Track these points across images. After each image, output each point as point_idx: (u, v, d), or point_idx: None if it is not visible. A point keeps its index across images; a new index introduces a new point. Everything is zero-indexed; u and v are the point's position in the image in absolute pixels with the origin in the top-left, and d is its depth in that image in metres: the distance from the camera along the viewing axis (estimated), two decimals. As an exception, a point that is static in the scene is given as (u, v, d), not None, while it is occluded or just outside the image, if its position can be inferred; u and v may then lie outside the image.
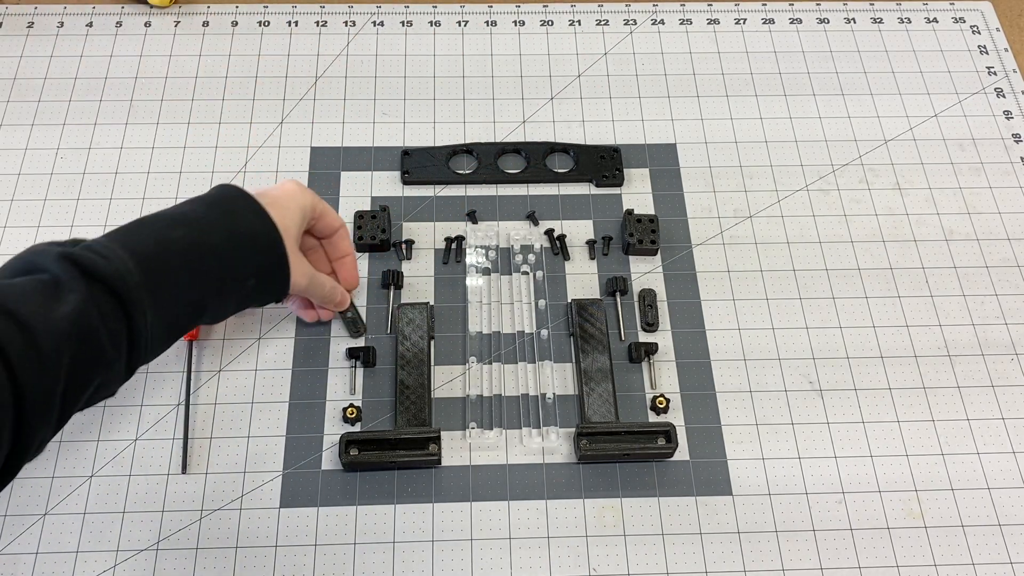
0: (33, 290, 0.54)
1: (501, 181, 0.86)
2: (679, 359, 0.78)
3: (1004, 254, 0.84)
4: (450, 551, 0.69)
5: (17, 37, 0.95)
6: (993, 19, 1.01)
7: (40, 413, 0.52)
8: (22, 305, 0.52)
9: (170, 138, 0.88)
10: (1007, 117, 0.93)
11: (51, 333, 0.52)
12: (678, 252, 0.83)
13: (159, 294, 0.58)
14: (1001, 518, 0.71)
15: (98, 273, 0.55)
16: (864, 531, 0.70)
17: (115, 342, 0.56)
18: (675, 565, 0.68)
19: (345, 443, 0.70)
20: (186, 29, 0.96)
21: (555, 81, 0.94)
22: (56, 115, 0.90)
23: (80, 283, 0.55)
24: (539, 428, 0.74)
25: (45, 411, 0.53)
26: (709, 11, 1.00)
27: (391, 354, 0.77)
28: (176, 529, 0.69)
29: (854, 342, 0.79)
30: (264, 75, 0.93)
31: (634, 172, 0.88)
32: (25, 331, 0.51)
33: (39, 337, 0.52)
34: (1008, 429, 0.75)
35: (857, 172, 0.89)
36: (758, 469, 0.73)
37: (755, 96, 0.94)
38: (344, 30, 0.97)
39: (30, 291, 0.54)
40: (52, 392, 0.53)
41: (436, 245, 0.83)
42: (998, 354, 0.79)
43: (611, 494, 0.71)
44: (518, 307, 0.80)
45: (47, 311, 0.53)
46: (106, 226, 0.82)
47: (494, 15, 0.99)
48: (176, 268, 0.59)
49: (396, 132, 0.90)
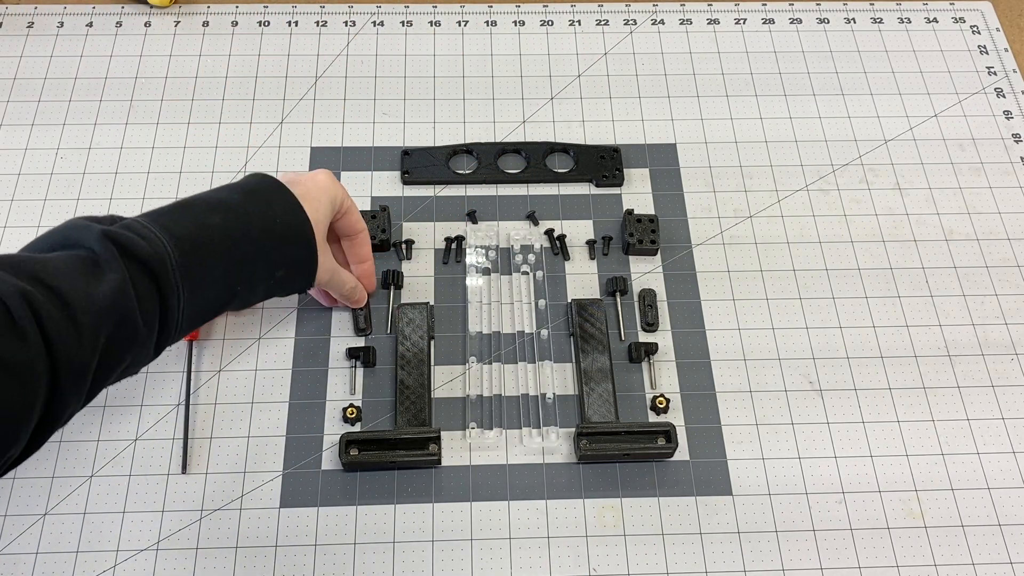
0: (74, 267, 0.55)
1: (501, 181, 0.87)
2: (679, 359, 0.78)
3: (1004, 254, 0.84)
4: (450, 551, 0.69)
5: (17, 37, 0.95)
6: (993, 19, 1.01)
7: (73, 388, 0.53)
8: (63, 281, 0.53)
9: (170, 138, 0.88)
10: (1007, 117, 0.93)
11: (90, 310, 0.53)
12: (678, 252, 0.83)
13: (194, 278, 0.59)
14: (1001, 518, 0.71)
15: (138, 254, 0.56)
16: (864, 531, 0.70)
17: (148, 322, 0.57)
18: (675, 565, 0.68)
19: (345, 443, 0.70)
20: (186, 29, 0.96)
21: (555, 81, 0.94)
22: (56, 115, 0.90)
23: (119, 263, 0.55)
24: (539, 428, 0.74)
25: (78, 386, 0.54)
26: (709, 11, 1.00)
27: (391, 354, 0.77)
28: (176, 529, 0.69)
29: (854, 342, 0.79)
30: (264, 75, 0.93)
31: (634, 172, 0.88)
32: (65, 307, 0.52)
33: (79, 313, 0.53)
34: (1008, 429, 0.75)
35: (857, 172, 0.89)
36: (758, 469, 0.73)
37: (755, 96, 0.94)
38: (344, 30, 0.97)
39: (72, 267, 0.55)
40: (87, 368, 0.53)
41: (436, 245, 0.83)
42: (998, 354, 0.79)
43: (611, 494, 0.71)
44: (518, 307, 0.80)
45: (87, 288, 0.54)
46: (106, 226, 0.82)
47: (494, 15, 0.99)
48: (212, 254, 0.60)
49: (396, 132, 0.90)
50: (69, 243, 0.57)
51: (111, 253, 0.56)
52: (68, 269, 0.54)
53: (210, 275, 0.61)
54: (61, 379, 0.52)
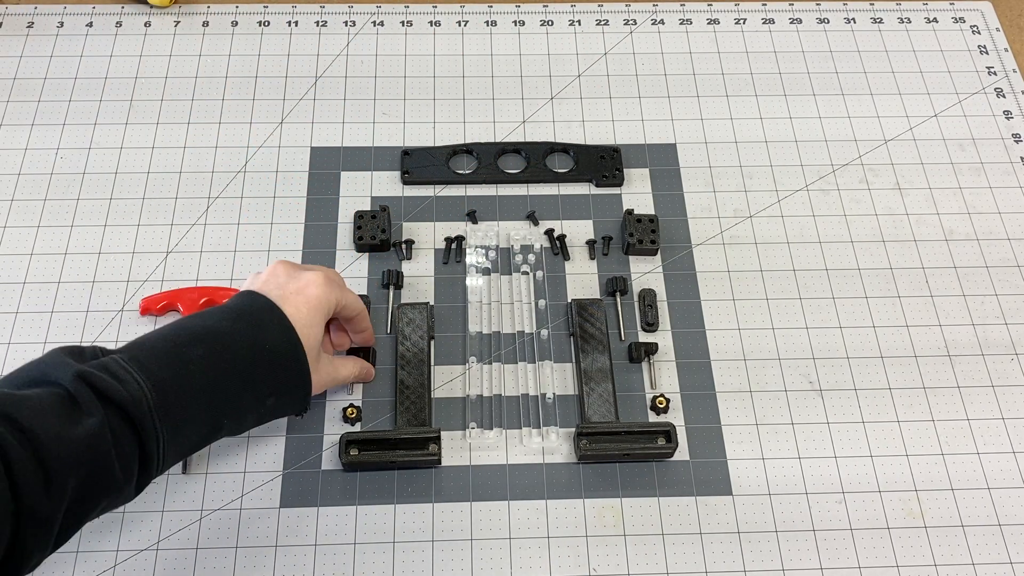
0: (50, 407, 0.52)
1: (501, 181, 0.86)
2: (679, 359, 0.78)
3: (1004, 254, 0.84)
4: (450, 551, 0.69)
5: (17, 37, 0.95)
6: (993, 19, 1.01)
7: (36, 537, 0.51)
8: (37, 422, 0.51)
9: (170, 138, 0.88)
10: (1007, 117, 0.93)
11: (62, 454, 0.51)
12: (678, 252, 0.83)
13: (175, 419, 0.56)
14: (1001, 518, 0.71)
15: (113, 398, 0.54)
16: (864, 531, 0.70)
17: (126, 466, 0.55)
18: (675, 565, 0.68)
19: (345, 443, 0.70)
20: (186, 29, 0.96)
21: (555, 81, 0.94)
22: (56, 115, 0.90)
23: (96, 406, 0.53)
24: (539, 428, 0.74)
25: (42, 535, 0.51)
26: (709, 11, 1.00)
27: (391, 354, 0.77)
28: (176, 529, 0.69)
29: (854, 342, 0.79)
30: (264, 75, 0.93)
31: (634, 172, 0.88)
32: (36, 450, 0.50)
33: (49, 457, 0.50)
34: (1008, 429, 0.75)
35: (857, 172, 0.89)
36: (758, 469, 0.73)
37: (755, 96, 0.94)
38: (344, 30, 0.97)
39: (47, 407, 0.52)
40: (54, 515, 0.51)
41: (436, 245, 0.83)
42: (998, 354, 0.79)
43: (611, 494, 0.71)
44: (518, 307, 0.80)
45: (61, 431, 0.51)
46: (106, 226, 0.82)
47: (494, 15, 0.99)
48: (194, 391, 0.58)
49: (396, 132, 0.90)
50: (47, 380, 0.55)
51: (87, 395, 0.53)
52: (43, 409, 0.52)
53: (192, 413, 0.58)
54: (24, 526, 0.50)
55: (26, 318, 0.77)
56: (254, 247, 0.82)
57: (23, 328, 0.77)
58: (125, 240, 0.82)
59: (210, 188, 0.85)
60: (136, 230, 0.83)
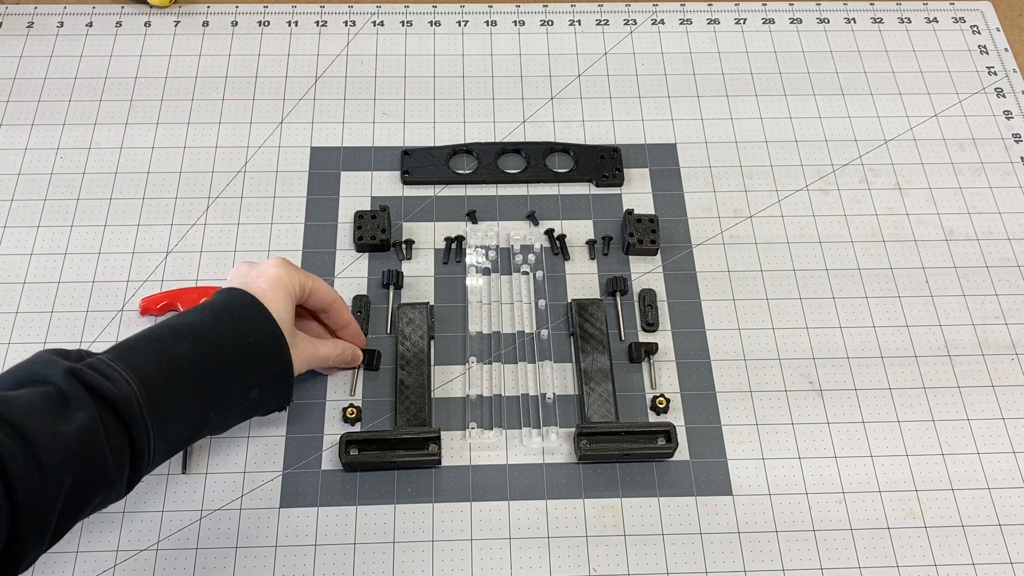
0: (41, 404, 0.53)
1: (501, 181, 0.86)
2: (679, 359, 0.78)
3: (1004, 254, 0.84)
4: (450, 551, 0.69)
5: (17, 37, 0.95)
6: (993, 19, 1.01)
7: (34, 533, 0.51)
8: (29, 420, 0.51)
9: (170, 138, 0.88)
10: (1007, 117, 0.93)
11: (55, 451, 0.51)
12: (678, 252, 0.83)
13: (163, 414, 0.57)
14: (1001, 518, 0.71)
15: (104, 394, 0.55)
16: (864, 531, 0.70)
17: (118, 462, 0.55)
18: (675, 565, 0.68)
19: (345, 443, 0.70)
20: (186, 29, 0.96)
21: (555, 81, 0.94)
22: (56, 115, 0.90)
23: (87, 401, 0.54)
24: (539, 428, 0.74)
25: (39, 531, 0.52)
26: (709, 11, 1.00)
27: (391, 354, 0.77)
28: (176, 529, 0.69)
29: (854, 342, 0.79)
30: (264, 75, 0.93)
31: (634, 172, 0.88)
32: (29, 447, 0.50)
33: (43, 454, 0.51)
34: (1008, 429, 0.75)
35: (857, 172, 0.89)
36: (758, 469, 0.73)
37: (755, 96, 0.94)
38: (344, 30, 0.97)
39: (38, 405, 0.53)
40: (49, 512, 0.51)
41: (436, 245, 0.83)
42: (998, 354, 0.79)
43: (611, 494, 0.71)
44: (518, 307, 0.80)
45: (54, 428, 0.52)
46: (106, 226, 0.82)
47: (494, 15, 0.99)
48: (180, 386, 0.58)
49: (396, 132, 0.90)
50: (36, 379, 0.55)
51: (78, 391, 0.54)
52: (34, 407, 0.52)
53: (180, 408, 0.58)
54: (20, 524, 0.50)
55: (26, 318, 0.77)
56: (254, 247, 0.82)
57: (23, 328, 0.77)
58: (125, 240, 0.82)
59: (210, 188, 0.85)
60: (136, 230, 0.83)
